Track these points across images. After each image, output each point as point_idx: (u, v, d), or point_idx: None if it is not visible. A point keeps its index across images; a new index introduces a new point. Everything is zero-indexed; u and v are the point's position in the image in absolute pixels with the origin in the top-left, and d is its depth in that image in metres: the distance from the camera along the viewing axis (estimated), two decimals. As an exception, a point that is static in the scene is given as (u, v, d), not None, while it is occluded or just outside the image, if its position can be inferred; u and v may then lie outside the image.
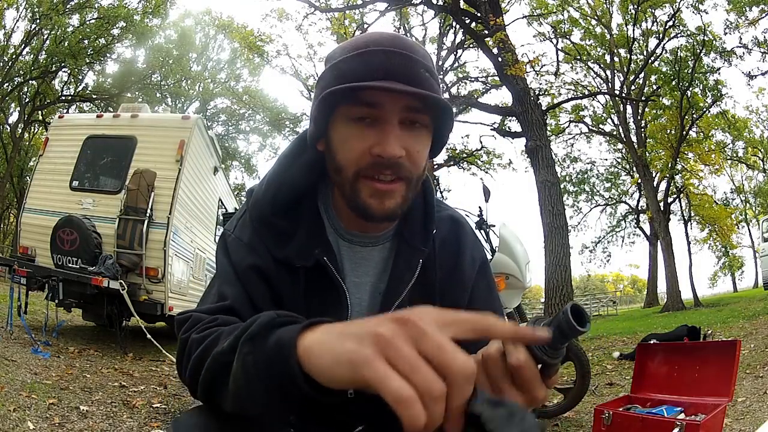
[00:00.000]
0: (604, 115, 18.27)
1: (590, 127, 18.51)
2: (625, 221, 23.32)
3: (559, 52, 15.02)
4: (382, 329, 0.43)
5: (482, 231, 3.23)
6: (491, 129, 12.38)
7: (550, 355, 0.50)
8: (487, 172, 16.62)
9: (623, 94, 15.90)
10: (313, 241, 0.77)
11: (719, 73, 15.50)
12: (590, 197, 22.75)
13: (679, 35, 14.81)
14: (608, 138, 19.06)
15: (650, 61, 15.32)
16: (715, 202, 21.09)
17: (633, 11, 14.49)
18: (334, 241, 0.80)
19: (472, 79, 16.67)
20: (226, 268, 0.78)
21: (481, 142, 15.83)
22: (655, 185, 16.93)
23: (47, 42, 16.64)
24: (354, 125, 0.69)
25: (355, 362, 0.43)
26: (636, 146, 16.92)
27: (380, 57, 0.68)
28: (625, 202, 22.65)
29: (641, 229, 21.23)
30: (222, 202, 8.02)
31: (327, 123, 0.73)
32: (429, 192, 0.85)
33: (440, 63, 16.17)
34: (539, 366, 0.51)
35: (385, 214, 0.72)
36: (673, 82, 14.77)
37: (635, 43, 15.17)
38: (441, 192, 17.00)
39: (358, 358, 0.43)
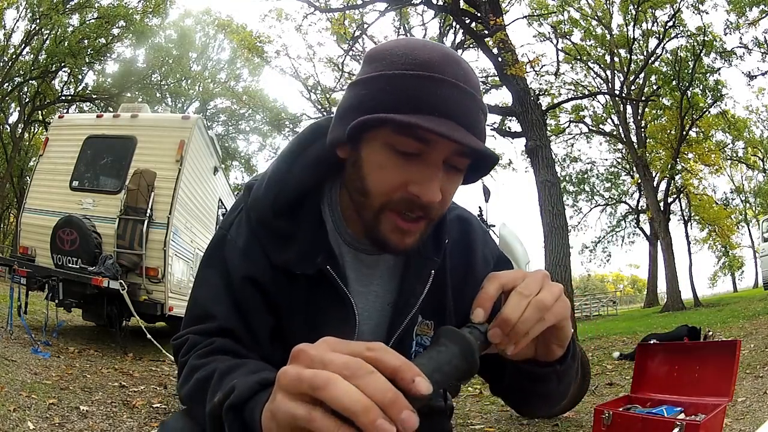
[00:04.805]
0: (604, 115, 18.27)
1: (590, 127, 18.49)
2: (625, 221, 23.33)
3: (559, 52, 15.01)
4: (281, 376, 0.43)
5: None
6: (491, 129, 12.35)
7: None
8: (487, 172, 16.63)
9: (623, 94, 15.89)
10: (314, 246, 0.72)
11: (719, 74, 15.56)
12: (590, 197, 22.74)
13: (679, 35, 14.82)
14: (608, 138, 19.07)
15: (650, 61, 15.33)
16: (715, 202, 21.09)
17: (633, 12, 14.50)
18: (337, 246, 0.75)
19: (472, 79, 16.66)
20: (214, 279, 0.73)
21: (481, 142, 15.83)
22: (655, 185, 16.92)
23: (47, 42, 16.65)
24: (396, 155, 0.62)
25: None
26: (636, 146, 16.92)
27: (444, 89, 0.61)
28: (625, 202, 22.66)
29: (641, 229, 21.23)
30: (222, 202, 8.02)
31: (361, 137, 0.65)
32: None
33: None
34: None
35: (403, 249, 0.68)
36: (673, 83, 14.77)
37: (635, 43, 15.17)
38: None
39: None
